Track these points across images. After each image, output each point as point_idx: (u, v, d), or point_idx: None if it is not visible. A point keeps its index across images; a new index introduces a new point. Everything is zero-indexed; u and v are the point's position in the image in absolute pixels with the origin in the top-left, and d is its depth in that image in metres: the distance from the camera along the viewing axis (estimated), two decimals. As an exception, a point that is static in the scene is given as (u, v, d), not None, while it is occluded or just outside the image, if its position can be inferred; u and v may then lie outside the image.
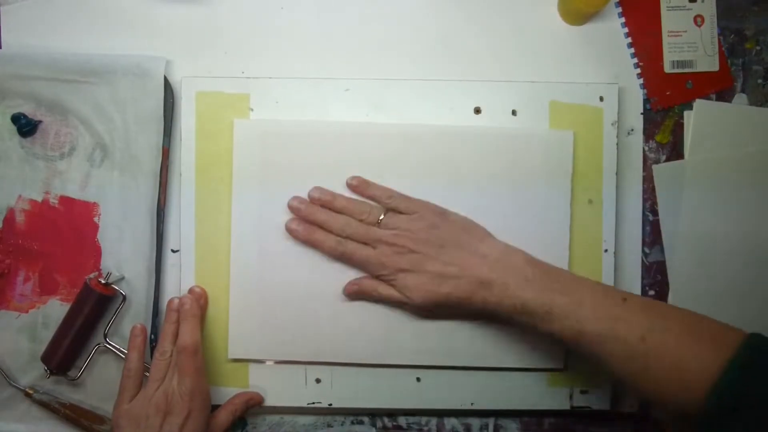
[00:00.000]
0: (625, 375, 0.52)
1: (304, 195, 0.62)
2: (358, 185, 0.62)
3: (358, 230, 0.60)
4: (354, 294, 0.62)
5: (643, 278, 0.66)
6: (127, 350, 0.61)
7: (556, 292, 0.54)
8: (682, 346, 0.50)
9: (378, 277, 0.60)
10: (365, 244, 0.60)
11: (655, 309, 0.53)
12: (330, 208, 0.61)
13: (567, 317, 0.53)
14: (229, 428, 0.62)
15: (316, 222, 0.61)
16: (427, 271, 0.58)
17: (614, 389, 0.65)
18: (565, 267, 0.63)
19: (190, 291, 0.63)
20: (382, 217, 0.60)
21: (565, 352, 0.64)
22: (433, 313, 0.61)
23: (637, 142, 0.66)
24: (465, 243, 0.59)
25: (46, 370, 0.63)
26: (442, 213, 0.61)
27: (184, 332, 0.59)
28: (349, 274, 0.62)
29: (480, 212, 0.63)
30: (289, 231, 0.62)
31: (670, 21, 0.66)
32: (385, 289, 0.60)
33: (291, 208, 0.62)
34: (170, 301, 0.62)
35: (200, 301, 0.62)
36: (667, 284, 0.66)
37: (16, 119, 0.63)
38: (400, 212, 0.60)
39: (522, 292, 0.55)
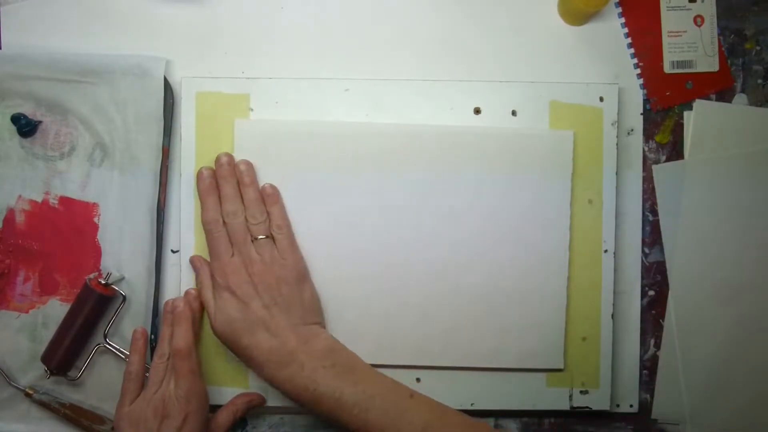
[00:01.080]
0: None
1: (303, 194, 0.63)
2: (270, 195, 0.62)
3: (237, 228, 0.60)
4: (192, 267, 0.63)
5: (643, 278, 0.66)
6: (129, 353, 0.61)
7: (348, 381, 0.56)
8: None
9: (213, 278, 0.61)
10: (232, 242, 0.60)
11: (439, 407, 0.57)
12: (239, 188, 0.61)
13: (355, 406, 0.55)
14: (230, 429, 0.62)
15: (221, 188, 0.61)
16: (248, 311, 0.58)
17: (614, 389, 0.65)
18: (565, 267, 0.63)
19: (186, 294, 0.63)
20: (262, 237, 0.60)
21: (564, 352, 0.64)
22: (228, 347, 0.60)
23: (637, 142, 0.66)
24: (294, 316, 0.59)
25: (46, 370, 0.63)
26: (302, 278, 0.61)
27: (177, 335, 0.59)
28: (349, 275, 0.63)
29: (480, 212, 0.63)
30: (197, 175, 0.62)
31: (670, 21, 0.66)
32: (207, 294, 0.60)
33: (217, 159, 0.62)
34: (166, 303, 0.62)
35: (194, 303, 0.62)
36: (667, 284, 0.66)
37: (16, 119, 0.63)
38: (276, 248, 0.60)
39: (316, 376, 0.56)
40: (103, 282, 0.62)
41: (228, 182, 0.61)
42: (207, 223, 0.61)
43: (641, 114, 0.66)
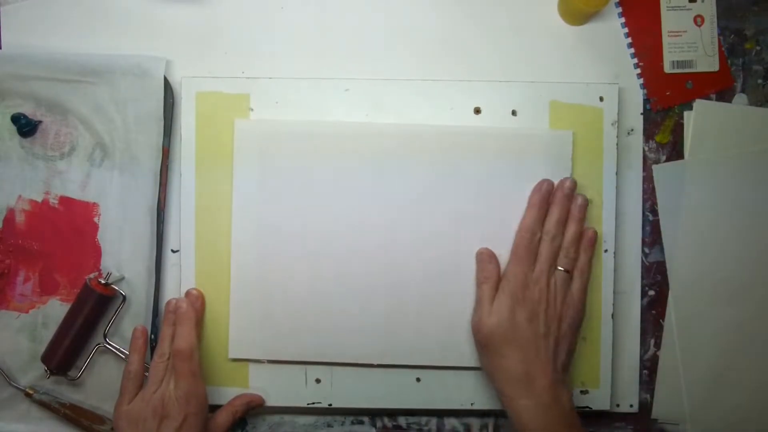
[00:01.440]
0: None
1: (303, 194, 0.63)
2: (589, 239, 0.62)
3: (549, 250, 0.60)
4: (478, 258, 0.62)
5: (643, 278, 0.66)
6: (129, 352, 0.61)
7: None
8: None
9: (501, 279, 0.60)
10: (536, 256, 0.60)
11: None
12: (565, 216, 0.61)
13: None
14: (229, 430, 0.62)
15: (551, 209, 0.61)
16: (525, 328, 0.58)
17: (614, 389, 0.65)
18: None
19: (187, 294, 0.63)
20: (562, 269, 0.60)
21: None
22: (477, 346, 0.61)
23: (637, 142, 0.66)
24: (556, 357, 0.58)
25: (46, 370, 0.63)
26: (578, 328, 0.61)
27: (179, 336, 0.59)
28: (349, 274, 0.63)
29: (480, 212, 0.63)
30: (538, 184, 0.62)
31: (670, 21, 0.66)
32: (487, 287, 0.60)
33: (561, 181, 0.62)
34: (168, 303, 0.62)
35: (196, 304, 0.62)
36: (667, 284, 0.66)
37: (16, 119, 0.63)
38: (571, 287, 0.61)
39: (548, 423, 0.56)
40: (103, 282, 0.62)
41: (560, 207, 0.61)
42: (525, 230, 0.61)
43: (641, 114, 0.66)
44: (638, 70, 0.66)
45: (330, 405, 0.64)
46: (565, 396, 0.58)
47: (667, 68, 0.66)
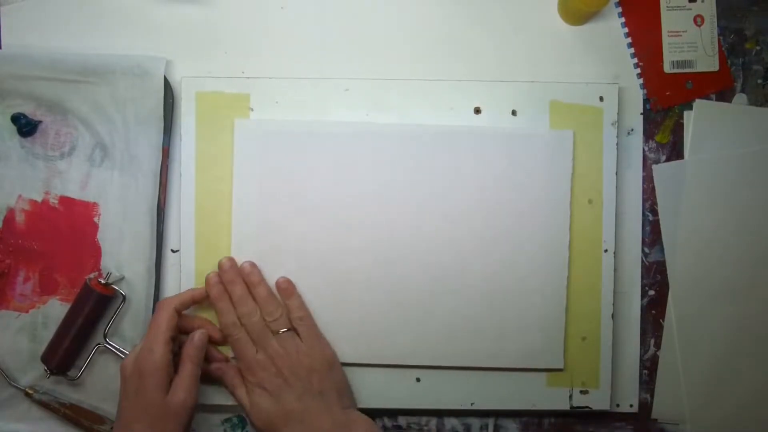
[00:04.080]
0: None
1: (303, 194, 0.63)
2: (285, 289, 0.62)
3: (255, 327, 0.60)
4: (214, 376, 0.62)
5: (642, 278, 0.66)
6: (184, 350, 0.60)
7: None
8: None
9: (243, 377, 0.61)
10: (254, 341, 0.60)
11: None
12: (249, 289, 0.62)
13: None
14: (196, 392, 0.59)
15: (230, 293, 0.62)
16: (280, 402, 0.58)
17: (614, 389, 0.65)
18: (565, 267, 0.63)
19: (191, 337, 0.60)
20: (284, 330, 0.60)
21: (564, 352, 0.64)
22: None
23: (637, 142, 0.66)
24: (327, 400, 0.59)
25: (46, 370, 0.63)
26: (330, 364, 0.61)
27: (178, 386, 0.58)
28: (348, 274, 0.63)
29: (480, 213, 0.63)
30: (206, 281, 0.62)
31: (670, 21, 0.66)
32: (240, 392, 0.60)
33: (219, 264, 0.62)
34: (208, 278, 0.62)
35: (201, 352, 0.61)
36: (667, 284, 0.66)
37: (16, 119, 0.63)
38: (300, 338, 0.61)
39: None
40: (103, 282, 0.62)
41: (236, 284, 0.61)
42: (225, 327, 0.61)
43: (641, 114, 0.66)
44: (638, 70, 0.66)
45: (330, 405, 0.64)
46: (358, 427, 0.59)
47: (667, 68, 0.66)
